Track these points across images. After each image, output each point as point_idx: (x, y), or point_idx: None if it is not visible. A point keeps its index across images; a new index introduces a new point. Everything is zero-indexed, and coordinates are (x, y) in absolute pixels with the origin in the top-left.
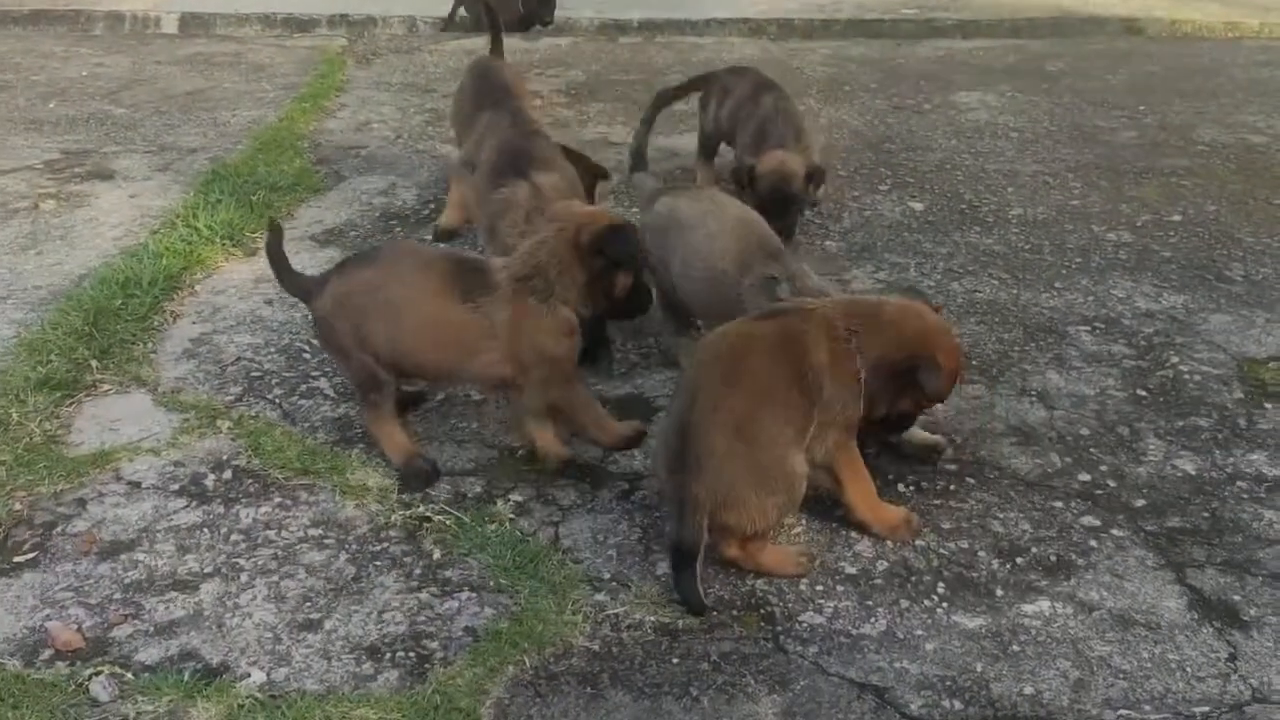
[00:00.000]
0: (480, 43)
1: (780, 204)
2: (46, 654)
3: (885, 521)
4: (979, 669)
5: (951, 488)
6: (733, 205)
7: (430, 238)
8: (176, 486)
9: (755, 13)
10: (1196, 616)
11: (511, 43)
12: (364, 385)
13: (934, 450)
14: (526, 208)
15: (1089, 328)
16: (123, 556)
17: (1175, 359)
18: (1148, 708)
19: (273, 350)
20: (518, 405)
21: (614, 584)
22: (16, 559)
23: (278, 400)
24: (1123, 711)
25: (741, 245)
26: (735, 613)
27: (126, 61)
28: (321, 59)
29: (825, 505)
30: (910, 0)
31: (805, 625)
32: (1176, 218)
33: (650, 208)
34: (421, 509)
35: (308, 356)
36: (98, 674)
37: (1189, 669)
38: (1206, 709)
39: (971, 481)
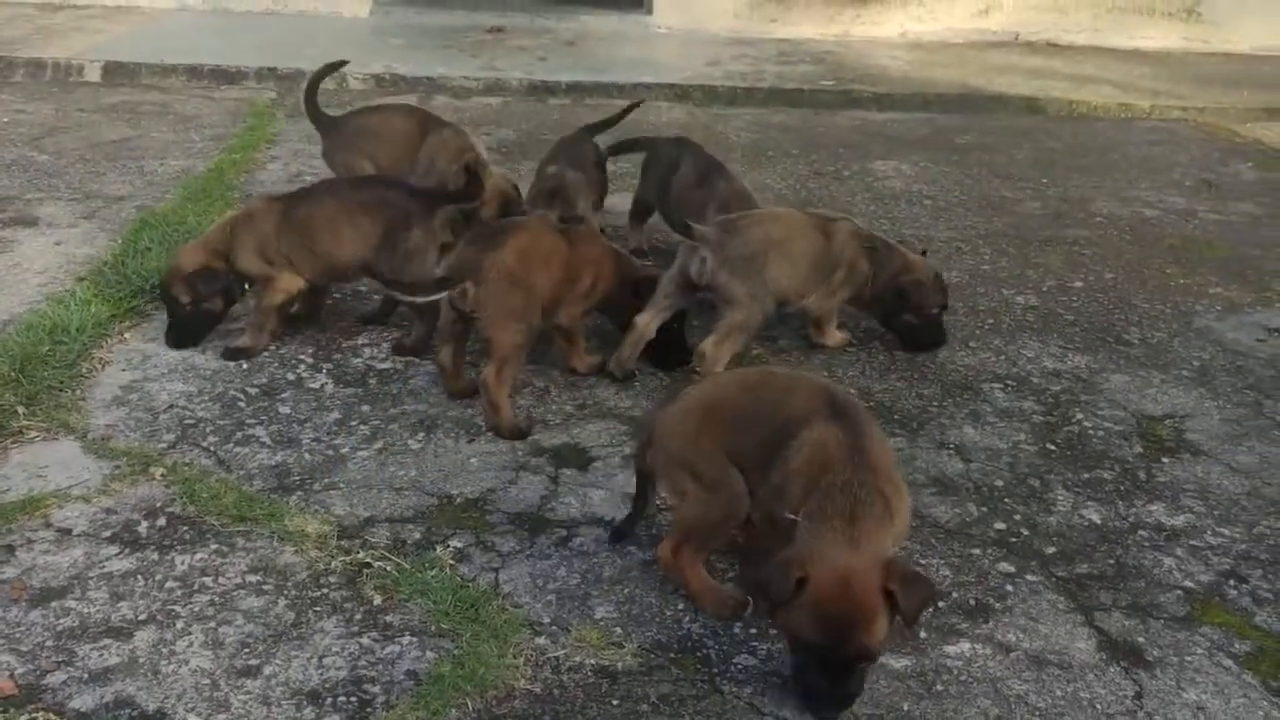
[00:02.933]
0: (411, 101)
1: None
2: None
3: None
4: (905, 708)
5: None
6: None
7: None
8: (109, 533)
9: (680, 79)
10: (1105, 657)
11: (443, 100)
12: None
13: None
14: None
15: (1001, 385)
16: (54, 603)
17: (1080, 415)
18: None
19: (206, 398)
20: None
21: (554, 628)
22: None
23: (212, 448)
24: None
25: None
26: (673, 655)
27: (49, 109)
28: (250, 111)
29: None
30: (828, 72)
31: (740, 667)
32: (1078, 284)
33: None
34: (361, 555)
35: (242, 405)
36: None
37: (1099, 706)
38: None
39: None
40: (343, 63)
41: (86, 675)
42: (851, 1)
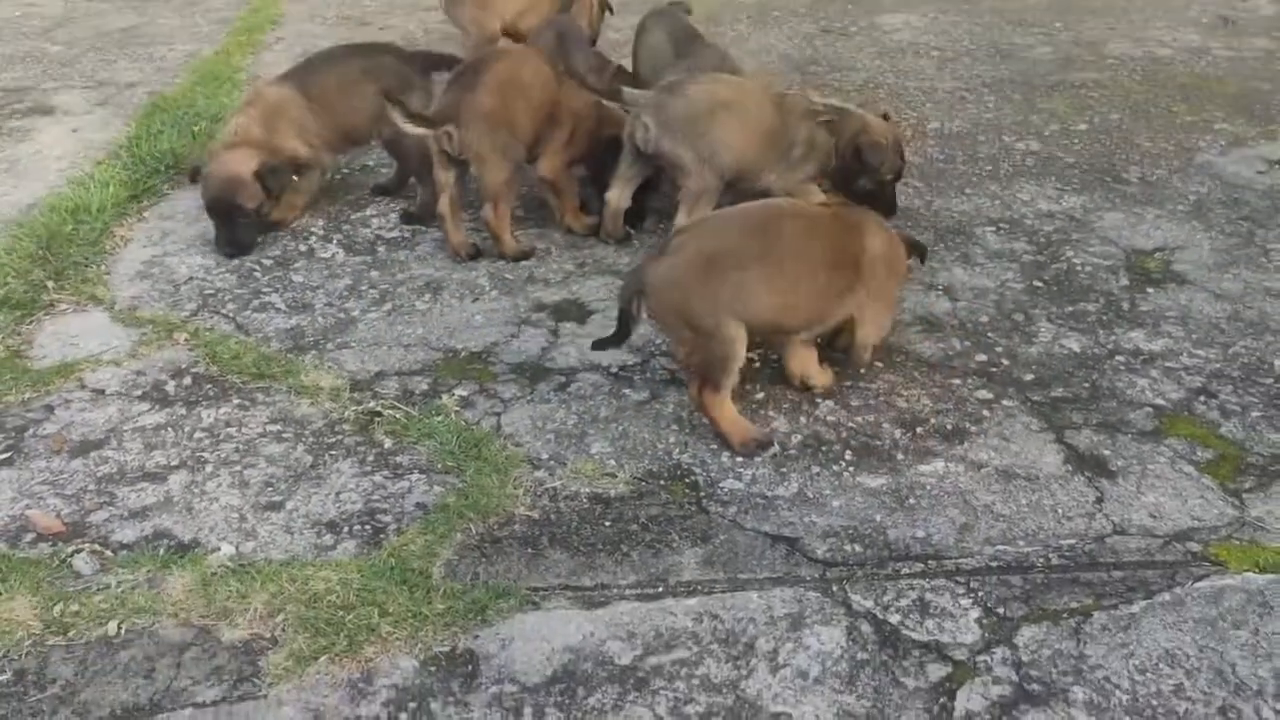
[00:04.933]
0: None
1: None
2: (29, 537)
3: None
4: (878, 519)
5: (862, 371)
6: None
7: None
8: (139, 392)
9: None
10: (1071, 469)
11: None
12: None
13: None
14: None
15: (994, 228)
16: (93, 454)
17: (1070, 253)
18: (1022, 543)
19: (224, 270)
20: None
21: (552, 463)
22: None
23: (231, 314)
24: (1000, 547)
25: None
26: (663, 482)
27: (58, 0)
28: None
29: (745, 389)
30: None
31: (725, 490)
32: (1082, 127)
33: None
34: (373, 404)
35: (258, 275)
36: (79, 552)
37: (1060, 511)
38: (1073, 542)
39: (880, 365)
40: None
41: (126, 513)
42: None
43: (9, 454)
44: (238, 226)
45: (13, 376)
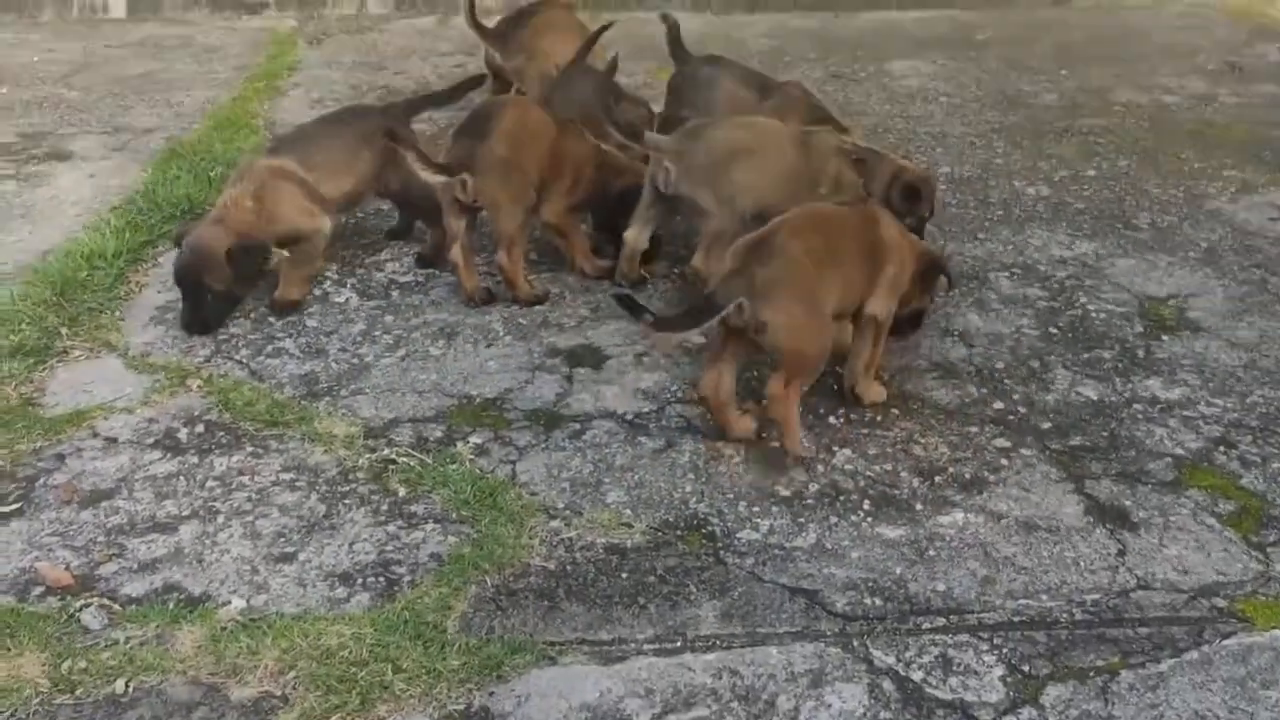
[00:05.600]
0: (430, 23)
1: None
2: (38, 591)
3: None
4: (898, 571)
5: (878, 418)
6: None
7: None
8: (151, 440)
9: None
10: (1092, 520)
11: (460, 20)
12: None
13: None
14: None
15: (1008, 274)
16: (103, 504)
17: (1084, 299)
18: (1045, 597)
19: (237, 315)
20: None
21: (568, 512)
22: (2, 509)
23: (245, 360)
24: (1023, 601)
25: None
26: (679, 532)
27: (76, 46)
28: (272, 40)
29: (762, 437)
30: None
31: (743, 541)
32: (1091, 173)
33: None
34: (387, 452)
35: (271, 320)
36: (87, 606)
37: (1083, 564)
38: (1096, 596)
39: (896, 412)
40: None
41: (136, 565)
42: None
43: (19, 504)
44: (203, 304)
45: (25, 425)
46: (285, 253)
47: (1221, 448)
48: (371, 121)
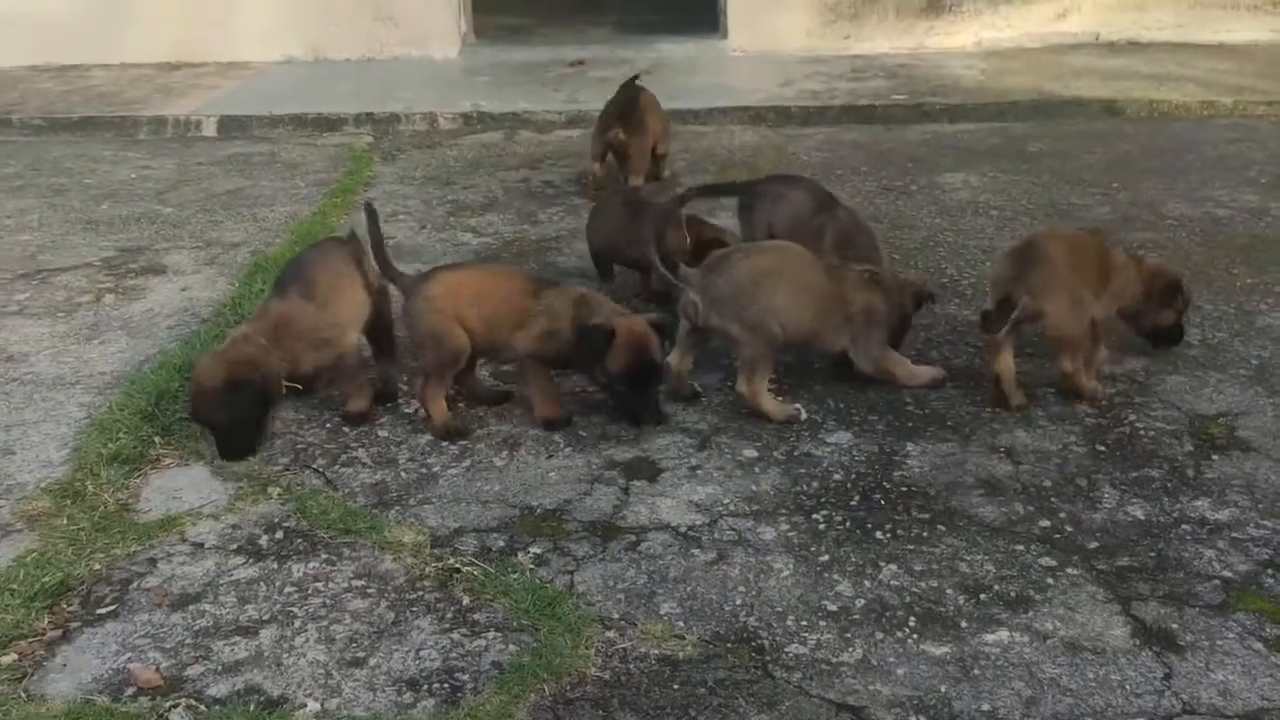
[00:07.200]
0: (498, 137)
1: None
2: (130, 691)
3: None
4: (943, 690)
5: (924, 534)
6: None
7: None
8: (235, 546)
9: (754, 101)
10: (1138, 642)
11: (526, 135)
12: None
13: None
14: None
15: (1055, 391)
16: (191, 607)
17: (1133, 416)
18: None
19: (314, 425)
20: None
21: (623, 623)
22: (99, 611)
23: (321, 469)
24: None
25: None
26: (730, 645)
27: (171, 164)
28: (349, 156)
29: (810, 550)
30: (900, 86)
31: (791, 655)
32: None
33: None
34: (452, 561)
35: (346, 430)
36: (175, 706)
37: (1129, 687)
38: None
39: (942, 529)
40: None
41: (220, 668)
42: (925, 13)
43: (115, 606)
44: (222, 433)
45: (120, 530)
46: (297, 385)
47: (1270, 570)
48: (360, 247)
